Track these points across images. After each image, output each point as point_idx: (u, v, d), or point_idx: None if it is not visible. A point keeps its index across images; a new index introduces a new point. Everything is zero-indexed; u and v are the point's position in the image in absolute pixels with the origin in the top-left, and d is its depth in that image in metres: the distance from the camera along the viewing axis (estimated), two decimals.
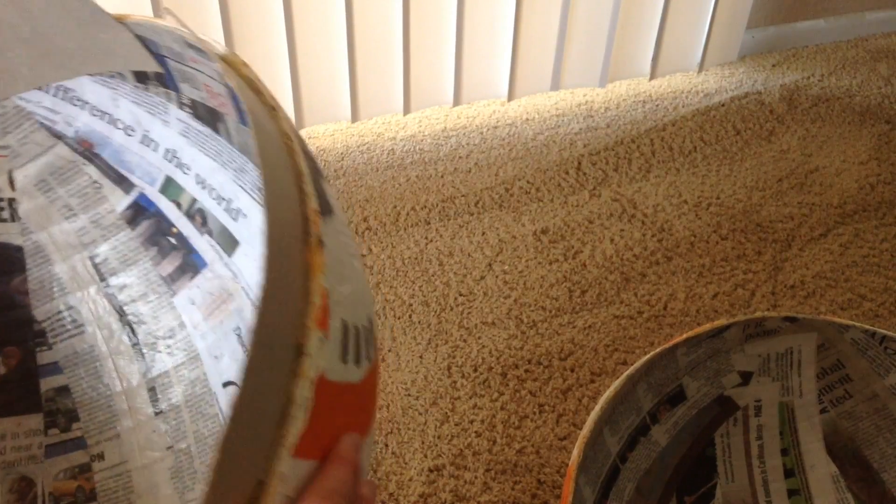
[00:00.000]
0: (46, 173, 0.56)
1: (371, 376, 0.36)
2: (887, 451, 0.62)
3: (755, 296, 0.97)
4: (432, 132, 1.31)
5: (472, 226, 1.09)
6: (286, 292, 0.30)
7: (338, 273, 0.32)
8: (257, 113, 0.34)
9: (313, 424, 0.30)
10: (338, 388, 0.32)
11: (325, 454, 0.31)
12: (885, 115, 1.38)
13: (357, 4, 1.20)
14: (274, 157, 0.33)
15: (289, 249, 0.31)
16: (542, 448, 0.77)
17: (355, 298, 0.34)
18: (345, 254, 0.34)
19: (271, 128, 0.34)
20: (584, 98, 1.43)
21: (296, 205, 0.32)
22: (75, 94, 0.52)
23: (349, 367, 0.32)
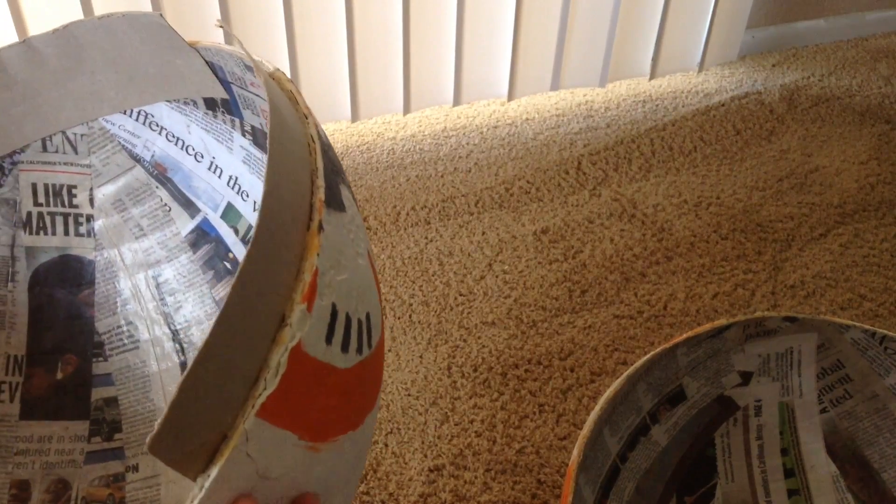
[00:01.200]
0: (123, 193, 0.59)
1: (363, 370, 0.36)
2: (887, 451, 0.62)
3: (755, 296, 0.97)
4: (432, 132, 1.31)
5: (472, 226, 1.09)
6: (278, 266, 0.31)
7: (334, 260, 0.34)
8: (288, 117, 0.36)
9: (285, 390, 0.31)
10: (318, 365, 0.32)
11: (299, 428, 0.32)
12: (885, 115, 1.38)
13: (357, 4, 1.20)
14: (293, 153, 0.35)
15: (289, 229, 0.32)
16: (542, 448, 0.77)
17: (352, 289, 0.35)
18: (348, 247, 0.35)
19: (299, 131, 0.37)
20: (584, 98, 1.43)
21: (305, 195, 0.34)
22: (154, 119, 0.55)
23: (334, 350, 0.33)
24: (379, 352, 0.40)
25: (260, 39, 1.19)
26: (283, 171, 0.33)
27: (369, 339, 0.37)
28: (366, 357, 0.37)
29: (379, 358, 0.40)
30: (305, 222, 0.33)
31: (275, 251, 0.31)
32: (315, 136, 0.37)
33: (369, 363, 0.37)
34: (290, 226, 0.33)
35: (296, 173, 0.34)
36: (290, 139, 0.35)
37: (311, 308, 0.32)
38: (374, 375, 0.39)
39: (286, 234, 0.32)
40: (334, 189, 0.36)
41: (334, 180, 0.37)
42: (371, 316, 0.38)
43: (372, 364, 0.38)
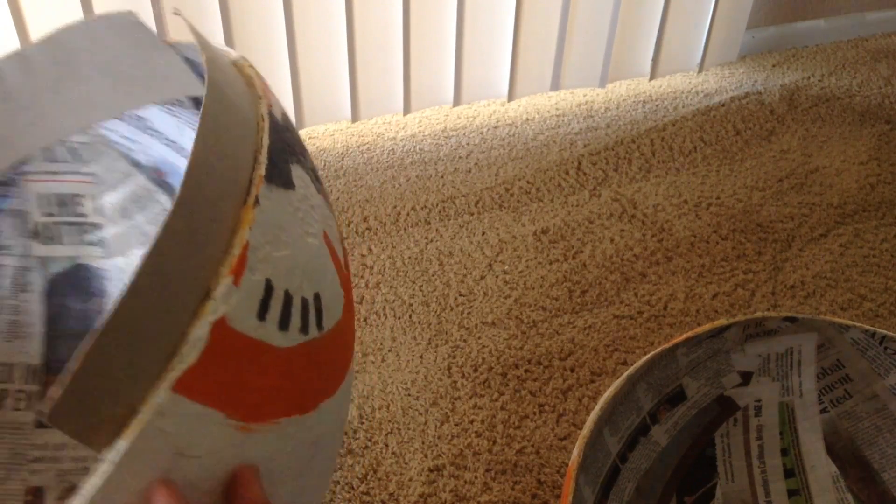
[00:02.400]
0: (129, 201, 0.59)
1: (312, 351, 0.35)
2: (887, 451, 0.62)
3: (755, 296, 0.97)
4: (432, 132, 1.31)
5: (472, 226, 1.09)
6: (203, 237, 0.31)
7: (272, 235, 0.33)
8: (232, 95, 0.36)
9: (206, 366, 0.30)
10: (248, 342, 0.31)
11: (226, 405, 0.31)
12: (885, 115, 1.38)
13: (357, 4, 1.20)
14: (231, 129, 0.34)
15: (219, 203, 0.32)
16: (542, 448, 0.77)
17: (295, 267, 0.34)
18: (293, 224, 0.35)
19: (246, 109, 0.36)
20: (584, 98, 1.43)
21: (244, 170, 0.34)
22: (148, 123, 0.55)
23: (269, 328, 0.32)
24: (336, 335, 0.39)
25: (260, 40, 1.19)
26: (214, 144, 0.33)
27: (319, 319, 0.36)
28: (314, 338, 0.36)
29: (337, 341, 0.39)
30: (242, 197, 0.33)
31: (199, 223, 0.31)
32: (264, 115, 0.37)
33: (320, 345, 0.36)
34: (221, 200, 0.32)
35: (233, 148, 0.34)
36: (228, 115, 0.35)
37: (238, 282, 0.31)
38: (330, 358, 0.38)
39: (214, 207, 0.31)
40: (281, 167, 0.36)
41: (283, 158, 0.36)
42: (323, 297, 0.37)
43: (326, 346, 0.37)
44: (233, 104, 0.35)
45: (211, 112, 0.33)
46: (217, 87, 0.35)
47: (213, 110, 0.33)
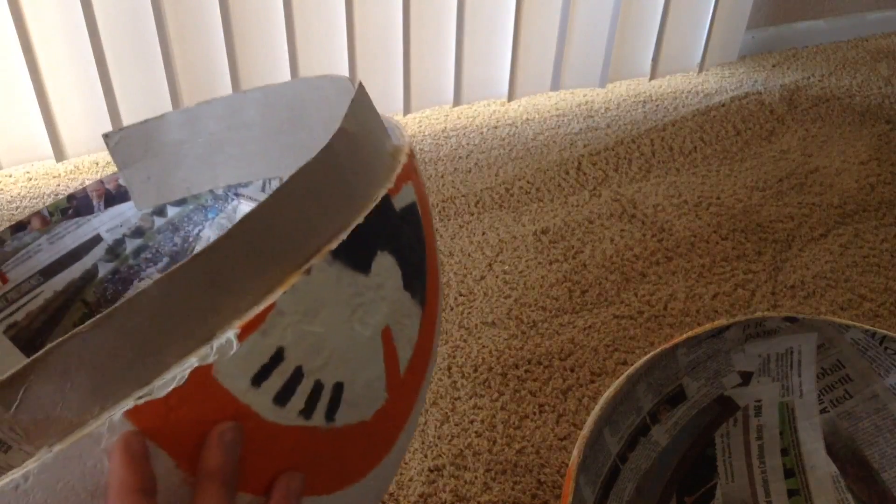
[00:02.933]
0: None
1: (305, 437, 0.33)
2: (887, 451, 0.62)
3: (755, 296, 0.97)
4: (432, 132, 1.31)
5: (472, 226, 1.09)
6: (233, 283, 0.30)
7: (309, 308, 0.32)
8: (362, 169, 0.38)
9: (171, 406, 0.29)
10: (227, 399, 0.30)
11: (180, 454, 0.30)
12: (885, 115, 1.38)
13: (357, 5, 1.20)
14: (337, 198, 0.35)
15: (273, 260, 0.31)
16: (542, 448, 0.77)
17: (324, 349, 0.33)
18: (342, 305, 0.33)
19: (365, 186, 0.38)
20: (584, 98, 1.43)
21: (319, 239, 0.33)
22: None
23: (261, 396, 0.31)
24: (353, 434, 0.36)
25: (260, 40, 1.19)
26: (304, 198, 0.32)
27: (331, 410, 0.34)
28: (318, 426, 0.33)
29: (352, 441, 0.36)
30: (298, 262, 0.32)
31: (239, 271, 0.30)
32: (377, 197, 0.35)
33: (326, 438, 0.34)
34: (275, 258, 0.31)
35: (320, 213, 0.33)
36: (337, 179, 0.34)
37: (243, 338, 0.30)
38: (335, 456, 0.35)
39: (264, 261, 0.31)
40: (362, 249, 0.34)
41: (371, 242, 0.35)
42: (348, 389, 0.34)
43: (333, 441, 0.35)
44: (353, 170, 0.35)
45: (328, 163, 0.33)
46: (350, 139, 0.34)
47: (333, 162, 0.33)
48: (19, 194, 1.14)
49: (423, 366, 0.41)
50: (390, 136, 0.41)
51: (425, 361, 0.41)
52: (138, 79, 1.16)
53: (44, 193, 1.14)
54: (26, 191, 1.15)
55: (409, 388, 0.40)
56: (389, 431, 0.39)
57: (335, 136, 0.34)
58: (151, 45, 1.13)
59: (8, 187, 1.16)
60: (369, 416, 0.36)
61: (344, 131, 0.34)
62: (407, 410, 0.41)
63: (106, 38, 1.11)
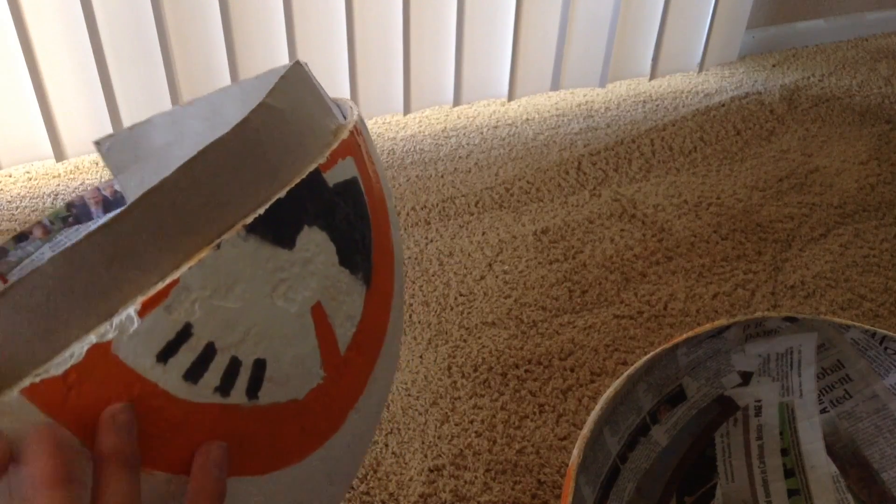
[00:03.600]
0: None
1: (231, 417, 0.33)
2: (887, 451, 0.62)
3: (755, 296, 0.97)
4: (432, 132, 1.31)
5: (472, 226, 1.09)
6: (139, 260, 0.30)
7: (221, 283, 0.31)
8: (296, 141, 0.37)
9: (70, 384, 0.28)
10: (131, 376, 0.30)
11: (80, 430, 0.29)
12: (885, 115, 1.38)
13: (357, 4, 1.20)
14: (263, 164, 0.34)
15: (184, 233, 0.31)
16: (542, 448, 0.77)
17: (237, 323, 0.32)
18: (260, 280, 0.33)
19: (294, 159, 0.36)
20: (584, 98, 1.43)
21: (235, 214, 0.32)
22: None
23: (169, 373, 0.30)
24: (283, 412, 0.35)
25: (260, 40, 1.19)
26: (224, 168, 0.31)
27: (253, 387, 0.33)
28: (238, 404, 0.33)
29: (282, 419, 0.35)
30: (211, 236, 0.31)
31: (143, 242, 0.30)
32: (306, 172, 0.35)
33: (248, 415, 0.33)
34: (178, 231, 0.30)
35: (241, 182, 0.32)
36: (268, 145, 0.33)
37: (144, 313, 0.29)
38: (263, 434, 0.35)
39: (166, 236, 0.30)
40: (284, 224, 0.33)
41: (295, 216, 0.34)
42: (272, 366, 0.34)
43: (259, 419, 0.34)
44: (276, 145, 0.34)
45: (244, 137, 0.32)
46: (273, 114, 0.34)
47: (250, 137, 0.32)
48: (19, 194, 1.14)
49: (371, 344, 0.40)
50: (334, 115, 0.40)
51: (375, 340, 0.40)
52: (138, 79, 1.16)
53: (44, 193, 1.14)
54: (26, 191, 1.15)
55: (355, 366, 0.39)
56: (332, 412, 0.38)
57: (253, 111, 0.33)
58: (151, 44, 1.13)
59: (8, 187, 1.16)
60: (302, 395, 0.36)
61: (265, 106, 0.34)
62: (355, 390, 0.39)
63: (106, 38, 1.11)
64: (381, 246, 0.41)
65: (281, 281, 0.33)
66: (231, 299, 0.31)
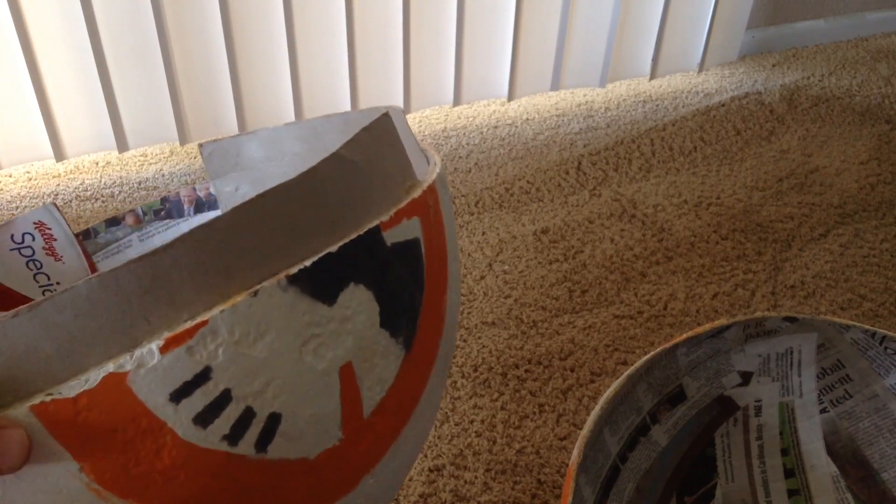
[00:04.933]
0: None
1: (229, 463, 0.32)
2: (887, 451, 0.62)
3: (755, 296, 0.97)
4: (432, 132, 1.31)
5: (472, 226, 1.09)
6: (173, 293, 0.29)
7: (249, 332, 0.31)
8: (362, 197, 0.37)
9: (79, 410, 0.28)
10: (141, 411, 0.29)
11: (86, 458, 0.29)
12: (885, 115, 1.38)
13: (357, 4, 1.20)
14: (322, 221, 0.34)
15: (223, 273, 0.30)
16: (542, 448, 0.77)
17: (259, 373, 0.31)
18: (292, 333, 0.32)
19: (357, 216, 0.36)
20: (584, 98, 1.43)
21: (283, 262, 0.32)
22: None
23: (180, 414, 0.30)
24: (291, 469, 0.34)
25: (260, 40, 1.19)
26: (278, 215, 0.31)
27: (263, 440, 0.32)
28: (246, 455, 0.32)
29: (291, 476, 0.34)
30: (250, 283, 0.31)
31: (180, 278, 0.29)
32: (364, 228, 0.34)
33: (255, 467, 0.33)
34: (219, 273, 0.30)
35: (294, 231, 0.32)
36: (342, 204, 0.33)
37: (166, 350, 0.29)
38: (267, 488, 0.34)
39: (206, 275, 0.30)
40: (329, 279, 0.33)
41: (340, 273, 0.33)
42: (287, 422, 0.33)
43: (265, 473, 0.33)
44: (340, 198, 0.33)
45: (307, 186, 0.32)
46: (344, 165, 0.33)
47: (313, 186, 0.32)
48: (19, 194, 1.14)
49: (400, 411, 0.39)
50: (412, 172, 0.39)
51: (405, 407, 0.39)
52: (138, 79, 1.16)
53: (44, 193, 1.14)
54: (26, 191, 1.15)
55: (377, 431, 0.38)
56: (344, 474, 0.37)
57: (324, 161, 0.33)
58: (151, 45, 1.13)
59: (8, 187, 1.16)
60: (314, 455, 0.35)
61: (337, 157, 0.33)
62: (373, 456, 0.38)
63: (106, 38, 1.11)
64: (432, 310, 0.39)
65: (313, 336, 0.33)
66: (258, 349, 0.31)
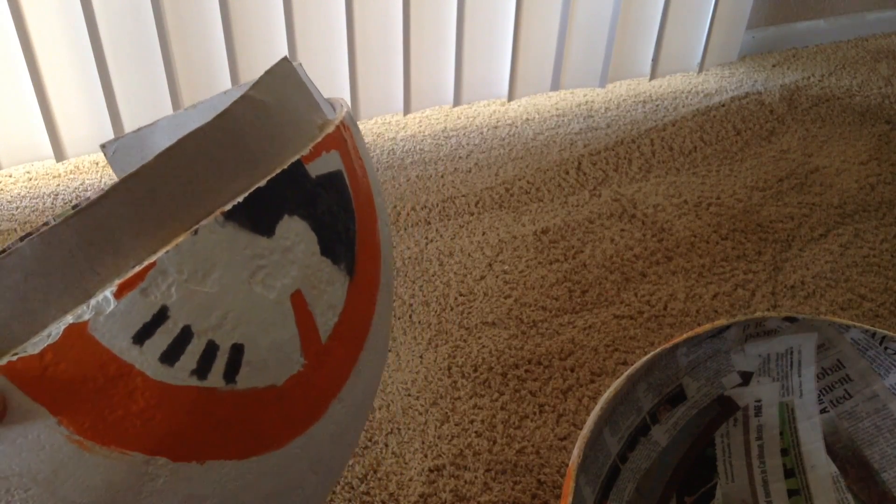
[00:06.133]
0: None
1: (202, 397, 0.33)
2: (887, 451, 0.62)
3: (755, 296, 0.97)
4: (432, 132, 1.31)
5: (472, 226, 1.09)
6: (118, 246, 0.30)
7: (198, 268, 0.32)
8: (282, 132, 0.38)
9: (47, 363, 0.29)
10: (107, 356, 0.30)
11: (64, 412, 0.30)
12: (885, 115, 1.38)
13: (357, 4, 1.20)
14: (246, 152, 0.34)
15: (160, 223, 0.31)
16: (542, 448, 0.77)
17: (214, 307, 0.32)
18: (238, 267, 0.33)
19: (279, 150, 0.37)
20: (584, 98, 1.43)
21: (216, 201, 0.33)
22: None
23: (145, 354, 0.31)
24: (263, 396, 0.35)
25: (260, 40, 1.19)
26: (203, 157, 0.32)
27: (231, 371, 0.33)
28: (216, 387, 0.33)
29: (263, 403, 0.35)
30: (190, 222, 0.32)
31: (120, 227, 0.30)
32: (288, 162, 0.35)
33: (227, 399, 0.34)
34: (156, 217, 0.31)
35: (221, 171, 0.33)
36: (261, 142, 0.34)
37: (120, 295, 0.30)
38: (244, 418, 0.35)
39: (144, 221, 0.30)
40: (264, 212, 0.34)
41: (275, 205, 0.34)
42: (250, 351, 0.34)
43: (238, 403, 0.34)
44: (258, 136, 0.35)
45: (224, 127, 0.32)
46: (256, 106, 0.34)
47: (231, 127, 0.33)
48: (19, 194, 1.14)
49: (355, 335, 0.40)
50: (322, 111, 0.41)
51: (359, 331, 0.41)
52: (138, 79, 1.16)
53: (44, 193, 1.14)
54: (26, 191, 1.15)
55: (337, 356, 0.39)
56: (313, 399, 0.39)
57: (235, 102, 0.34)
58: (151, 45, 1.13)
59: (8, 187, 1.16)
60: (281, 381, 0.36)
61: (247, 98, 0.34)
62: (337, 379, 0.40)
63: (106, 38, 1.11)
64: (367, 239, 0.41)
65: (259, 268, 0.34)
66: (208, 284, 0.32)
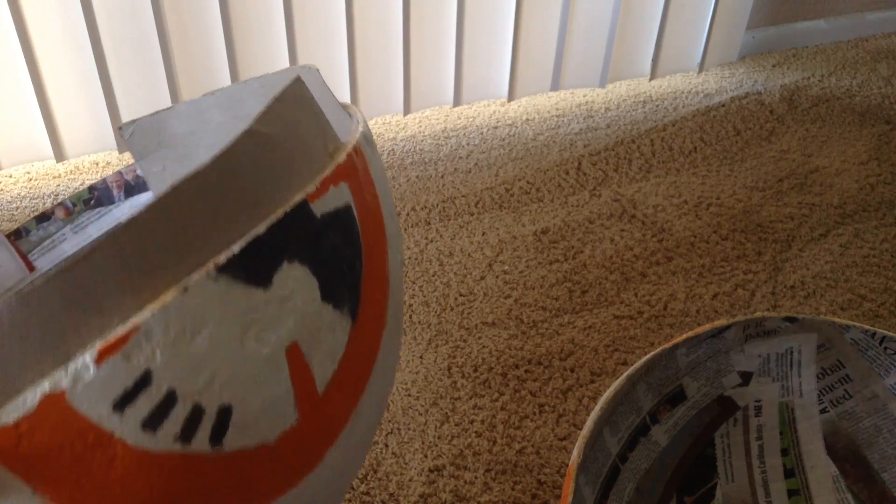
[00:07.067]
0: None
1: (185, 463, 0.31)
2: (887, 451, 0.62)
3: (755, 296, 0.97)
4: (432, 132, 1.31)
5: (472, 226, 1.09)
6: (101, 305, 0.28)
7: (190, 329, 0.29)
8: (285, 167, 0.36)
9: (22, 433, 0.27)
10: (85, 425, 0.28)
11: (32, 479, 0.28)
12: (885, 115, 1.38)
13: (357, 5, 1.20)
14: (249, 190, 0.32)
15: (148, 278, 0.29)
16: (542, 448, 0.77)
17: (202, 368, 0.30)
18: (231, 323, 0.31)
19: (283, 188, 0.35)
20: (584, 98, 1.43)
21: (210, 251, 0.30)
22: None
23: (126, 422, 0.29)
24: (253, 458, 0.33)
25: (260, 40, 1.19)
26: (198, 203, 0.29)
27: (217, 434, 0.31)
28: (201, 452, 0.31)
29: (253, 464, 0.34)
30: (178, 277, 0.30)
31: (105, 283, 0.28)
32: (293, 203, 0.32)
33: (212, 463, 0.32)
34: (144, 272, 0.29)
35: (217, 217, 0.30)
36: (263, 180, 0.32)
37: (101, 360, 0.28)
38: (230, 484, 0.33)
39: (131, 277, 0.29)
40: (260, 261, 0.31)
41: (274, 253, 0.32)
42: (238, 412, 0.32)
43: (226, 467, 0.32)
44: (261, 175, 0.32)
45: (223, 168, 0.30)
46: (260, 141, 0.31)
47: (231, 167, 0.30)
48: (19, 194, 1.14)
49: (355, 380, 0.38)
50: (334, 135, 0.38)
51: (360, 374, 0.38)
52: (138, 78, 1.16)
53: (44, 194, 1.14)
54: (26, 191, 1.15)
55: (335, 405, 0.37)
56: (308, 452, 0.36)
57: (238, 138, 0.31)
58: (151, 44, 1.13)
59: (8, 187, 1.16)
60: (272, 439, 0.34)
61: (250, 133, 0.32)
62: (334, 428, 0.37)
63: (106, 38, 1.11)
64: (374, 271, 0.38)
65: (253, 322, 0.31)
66: (197, 344, 0.30)
